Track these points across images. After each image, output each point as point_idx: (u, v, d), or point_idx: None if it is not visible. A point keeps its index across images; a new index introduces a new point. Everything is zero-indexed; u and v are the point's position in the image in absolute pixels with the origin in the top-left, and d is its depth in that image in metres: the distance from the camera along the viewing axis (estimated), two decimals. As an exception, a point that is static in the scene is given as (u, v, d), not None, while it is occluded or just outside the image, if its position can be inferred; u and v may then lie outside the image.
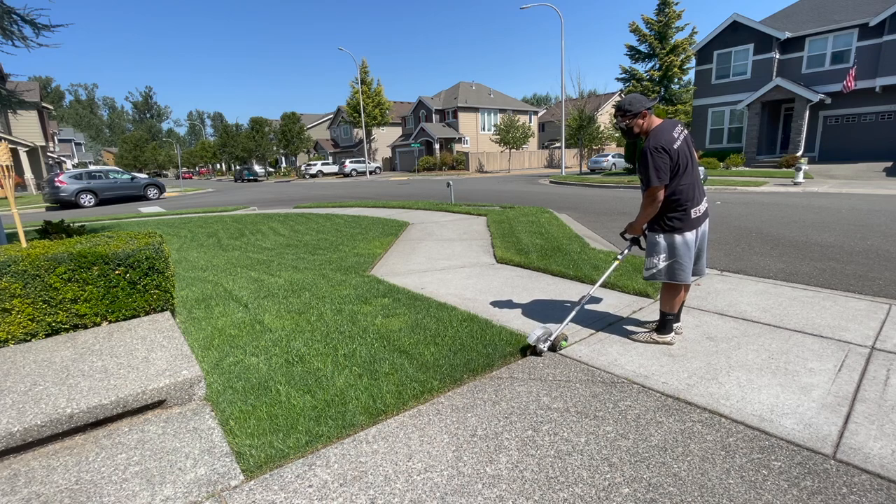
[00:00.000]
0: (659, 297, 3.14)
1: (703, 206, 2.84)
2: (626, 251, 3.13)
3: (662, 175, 2.67)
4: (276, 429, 2.19)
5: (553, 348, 2.96)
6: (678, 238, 2.80)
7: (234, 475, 1.91)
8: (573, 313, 3.12)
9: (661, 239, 2.86)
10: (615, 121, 2.90)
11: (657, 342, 3.02)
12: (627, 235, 3.05)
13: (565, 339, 3.04)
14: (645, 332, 3.13)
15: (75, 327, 3.15)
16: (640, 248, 3.10)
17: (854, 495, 1.70)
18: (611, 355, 2.92)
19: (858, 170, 17.29)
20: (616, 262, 3.14)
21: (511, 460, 1.97)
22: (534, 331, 2.94)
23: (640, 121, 2.80)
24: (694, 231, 2.82)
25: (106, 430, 2.25)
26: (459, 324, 3.41)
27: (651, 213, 2.82)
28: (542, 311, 3.78)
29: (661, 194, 2.72)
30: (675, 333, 3.08)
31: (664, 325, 3.03)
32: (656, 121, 2.81)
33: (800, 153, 20.36)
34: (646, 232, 3.01)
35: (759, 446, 1.99)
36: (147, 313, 3.40)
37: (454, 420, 2.28)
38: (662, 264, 2.87)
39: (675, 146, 2.70)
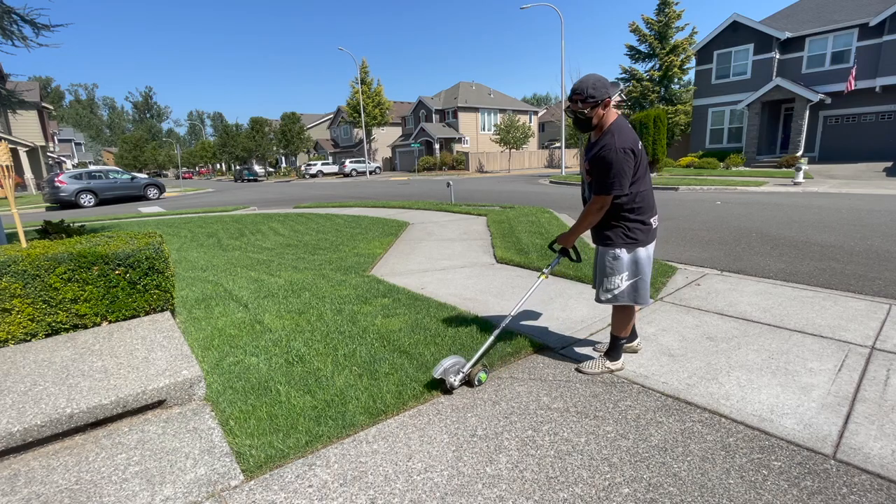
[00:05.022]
0: (612, 319, 2.70)
1: (658, 216, 2.55)
2: (553, 264, 2.77)
3: (625, 182, 2.31)
4: (276, 429, 2.19)
5: (469, 382, 2.56)
6: (642, 252, 2.48)
7: (234, 475, 1.91)
8: (491, 339, 2.72)
9: (623, 254, 2.47)
10: (570, 106, 2.38)
11: (611, 370, 2.70)
12: (556, 246, 2.73)
13: (485, 372, 2.62)
14: (596, 362, 2.75)
15: (75, 327, 3.15)
16: (571, 259, 2.74)
17: (854, 495, 1.70)
18: (611, 355, 2.91)
19: (858, 170, 17.29)
20: (542, 278, 2.74)
21: (511, 460, 1.97)
22: (441, 362, 2.51)
23: (602, 111, 2.35)
24: (653, 243, 2.53)
25: (106, 430, 2.25)
26: (460, 323, 3.41)
27: (593, 223, 2.48)
28: (543, 311, 3.78)
29: (610, 202, 2.38)
30: (634, 351, 2.91)
31: (616, 349, 2.70)
32: (613, 114, 2.38)
33: (800, 153, 20.35)
34: (596, 248, 2.65)
35: (759, 446, 1.99)
36: (147, 313, 3.40)
37: (454, 420, 2.28)
38: (626, 284, 2.51)
39: (639, 146, 2.35)
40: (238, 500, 1.77)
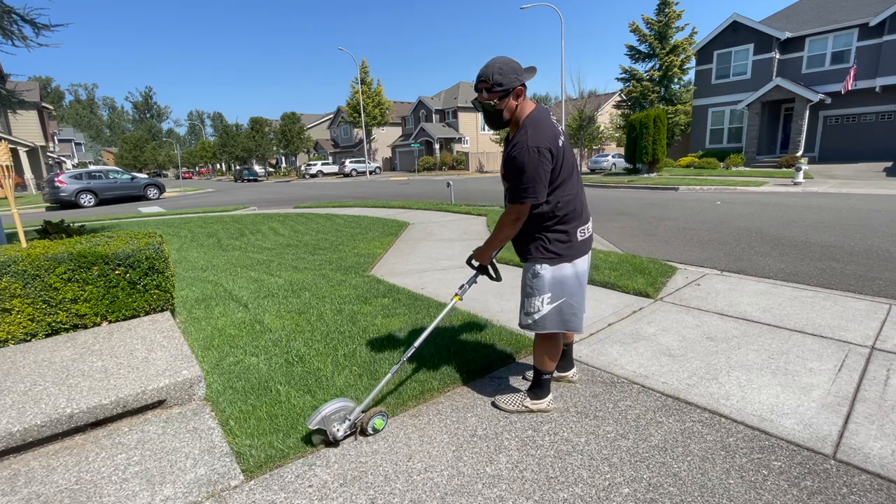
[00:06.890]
0: (534, 349, 2.29)
1: (590, 225, 2.17)
2: (467, 284, 2.37)
3: (541, 188, 1.92)
4: (276, 429, 2.19)
5: (362, 431, 2.13)
6: (569, 269, 2.08)
7: (234, 475, 1.91)
8: (388, 377, 2.26)
9: (544, 271, 2.08)
10: (478, 96, 2.01)
11: (531, 410, 2.29)
12: (474, 262, 2.35)
13: (382, 417, 2.17)
14: (515, 397, 2.35)
15: (75, 327, 3.15)
16: (490, 277, 2.37)
17: (854, 495, 1.69)
18: (611, 355, 2.91)
19: (858, 170, 17.30)
20: (454, 300, 2.34)
21: (511, 460, 1.97)
22: (319, 408, 2.05)
23: (514, 102, 1.97)
24: (584, 258, 2.14)
25: (106, 430, 2.25)
26: (460, 324, 3.41)
27: (509, 237, 2.12)
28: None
29: (528, 212, 2.02)
30: (569, 380, 2.56)
31: (540, 385, 2.29)
32: (530, 105, 2.00)
33: (800, 153, 20.37)
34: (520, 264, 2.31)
35: (759, 446, 1.99)
36: (147, 313, 3.40)
37: (454, 420, 2.28)
38: (548, 307, 2.10)
39: (560, 143, 1.95)
40: (238, 500, 1.77)
